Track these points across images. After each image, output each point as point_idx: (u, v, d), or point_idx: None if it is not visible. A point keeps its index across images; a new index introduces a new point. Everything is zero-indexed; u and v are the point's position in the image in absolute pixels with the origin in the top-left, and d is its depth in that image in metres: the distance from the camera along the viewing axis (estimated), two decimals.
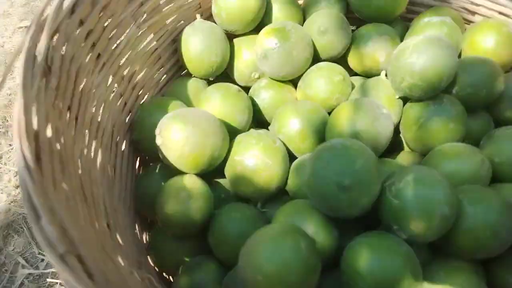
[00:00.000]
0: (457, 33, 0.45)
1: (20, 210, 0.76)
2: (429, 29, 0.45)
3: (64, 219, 0.20)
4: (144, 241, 0.42)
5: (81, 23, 0.35)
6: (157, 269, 0.41)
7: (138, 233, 0.41)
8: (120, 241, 0.33)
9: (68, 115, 0.32)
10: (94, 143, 0.35)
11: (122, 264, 0.29)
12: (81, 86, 0.35)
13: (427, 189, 0.31)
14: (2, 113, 0.90)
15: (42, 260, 0.70)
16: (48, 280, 0.68)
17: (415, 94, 0.41)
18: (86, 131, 0.34)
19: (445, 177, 0.33)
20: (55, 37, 0.31)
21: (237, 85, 0.51)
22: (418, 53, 0.39)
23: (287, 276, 0.29)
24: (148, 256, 0.40)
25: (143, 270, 0.33)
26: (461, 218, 0.33)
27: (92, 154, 0.34)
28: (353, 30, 0.51)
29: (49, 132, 0.26)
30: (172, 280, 0.41)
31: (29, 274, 0.70)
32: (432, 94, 0.41)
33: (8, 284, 0.70)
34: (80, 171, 0.30)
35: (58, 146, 0.27)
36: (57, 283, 0.67)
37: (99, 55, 0.38)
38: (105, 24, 0.39)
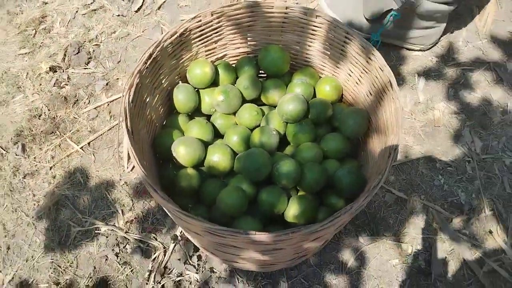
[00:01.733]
0: (310, 88, 0.93)
1: (62, 192, 1.14)
2: (296, 87, 0.92)
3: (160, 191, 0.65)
4: None
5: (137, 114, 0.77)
6: None
7: None
8: None
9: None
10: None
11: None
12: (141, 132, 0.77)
13: (288, 168, 0.79)
14: (10, 179, 1.21)
15: (86, 221, 1.10)
16: (93, 232, 1.10)
17: (289, 121, 0.89)
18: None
19: (298, 161, 0.82)
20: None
21: (204, 114, 0.95)
22: (288, 103, 0.86)
23: (234, 206, 0.77)
24: None
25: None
26: (302, 177, 0.82)
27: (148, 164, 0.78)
28: (262, 77, 0.96)
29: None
30: None
31: (79, 230, 1.11)
32: (297, 121, 0.89)
33: (66, 238, 1.09)
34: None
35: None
36: (99, 233, 1.09)
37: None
38: (144, 100, 0.81)
